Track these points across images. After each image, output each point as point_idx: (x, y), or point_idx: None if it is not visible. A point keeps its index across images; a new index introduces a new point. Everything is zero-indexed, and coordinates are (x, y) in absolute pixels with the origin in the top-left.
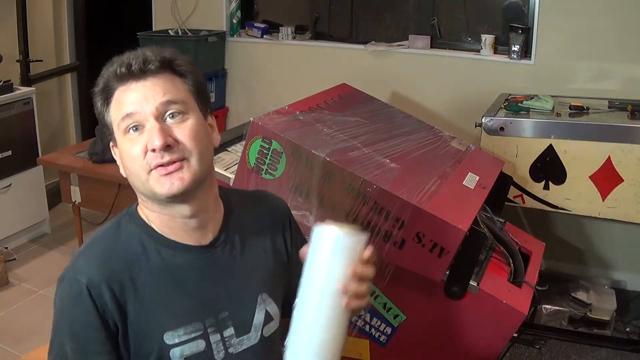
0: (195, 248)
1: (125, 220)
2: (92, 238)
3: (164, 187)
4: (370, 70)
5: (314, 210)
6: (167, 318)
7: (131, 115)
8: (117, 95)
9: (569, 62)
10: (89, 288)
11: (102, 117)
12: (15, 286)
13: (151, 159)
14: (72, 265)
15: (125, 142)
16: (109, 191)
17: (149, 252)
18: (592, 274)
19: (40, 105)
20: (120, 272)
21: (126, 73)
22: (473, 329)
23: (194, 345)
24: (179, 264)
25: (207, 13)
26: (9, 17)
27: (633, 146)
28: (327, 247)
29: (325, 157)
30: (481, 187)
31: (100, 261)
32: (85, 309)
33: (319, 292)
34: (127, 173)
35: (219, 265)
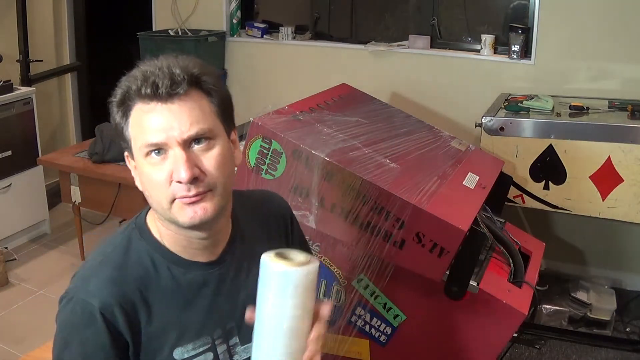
0: (205, 264)
1: (135, 235)
2: (102, 255)
3: (186, 217)
4: (370, 70)
5: (314, 210)
6: (178, 335)
7: (155, 144)
8: (139, 113)
9: (569, 62)
10: (102, 311)
11: (120, 130)
12: (15, 286)
13: (177, 190)
14: (83, 286)
15: (147, 165)
16: (109, 191)
17: (160, 270)
18: (592, 274)
19: (40, 105)
20: (132, 292)
21: (151, 94)
22: (473, 329)
23: (202, 358)
24: (189, 280)
25: (207, 13)
26: (9, 17)
27: (633, 146)
28: (271, 286)
29: (325, 157)
30: (481, 187)
31: (112, 283)
32: (97, 331)
33: (271, 330)
34: (146, 194)
35: (226, 279)
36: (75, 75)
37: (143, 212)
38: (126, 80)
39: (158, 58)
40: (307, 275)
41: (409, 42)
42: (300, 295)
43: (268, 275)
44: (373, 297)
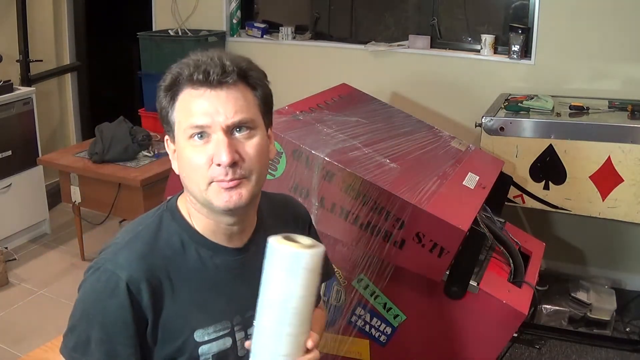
0: (232, 250)
1: (166, 216)
2: (134, 231)
3: (221, 201)
4: (370, 70)
5: (314, 210)
6: (200, 316)
7: (200, 126)
8: (187, 97)
9: (569, 62)
10: (129, 284)
11: (165, 114)
12: (15, 286)
13: (215, 173)
14: (112, 258)
15: (188, 147)
16: (109, 191)
17: (189, 252)
18: (592, 274)
19: (40, 105)
20: (159, 269)
21: (203, 80)
22: (473, 329)
23: (222, 342)
24: (216, 264)
25: (207, 13)
26: (9, 17)
27: (633, 146)
28: (279, 266)
29: (325, 157)
30: (481, 187)
31: (141, 257)
32: (120, 304)
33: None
34: (184, 176)
35: (249, 266)
36: (75, 75)
37: (174, 197)
38: (177, 66)
39: (209, 50)
40: (313, 257)
41: (409, 42)
42: (306, 276)
43: (276, 256)
44: (373, 297)
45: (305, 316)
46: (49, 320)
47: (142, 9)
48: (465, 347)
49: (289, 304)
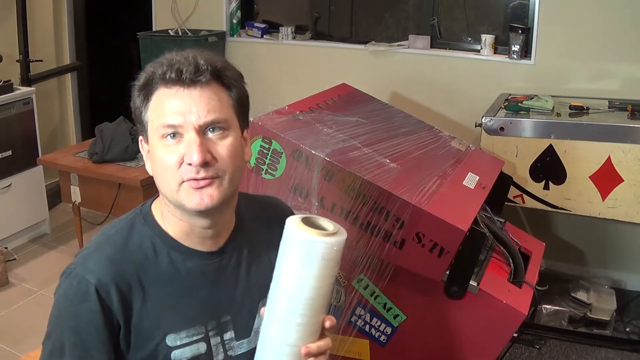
0: (205, 254)
1: (139, 220)
2: (105, 236)
3: (193, 202)
4: (370, 70)
5: (314, 210)
6: (172, 321)
7: (172, 126)
8: (160, 97)
9: (569, 62)
10: (98, 289)
11: (138, 114)
12: (15, 286)
13: (185, 172)
14: (82, 263)
15: (160, 147)
16: (109, 191)
17: (160, 256)
18: (592, 274)
19: (40, 105)
20: (129, 273)
21: (175, 79)
22: (473, 329)
23: (195, 347)
24: (188, 268)
25: (207, 13)
26: (9, 17)
27: (633, 146)
28: (294, 253)
29: (325, 157)
30: (481, 187)
31: (111, 262)
32: (90, 308)
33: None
34: (156, 177)
35: (225, 271)
36: (75, 75)
37: (148, 201)
38: (151, 65)
39: (186, 50)
40: (332, 246)
41: (409, 42)
42: (323, 266)
43: (291, 241)
44: (373, 297)
45: (318, 307)
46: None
47: (142, 9)
48: (465, 347)
49: (301, 294)
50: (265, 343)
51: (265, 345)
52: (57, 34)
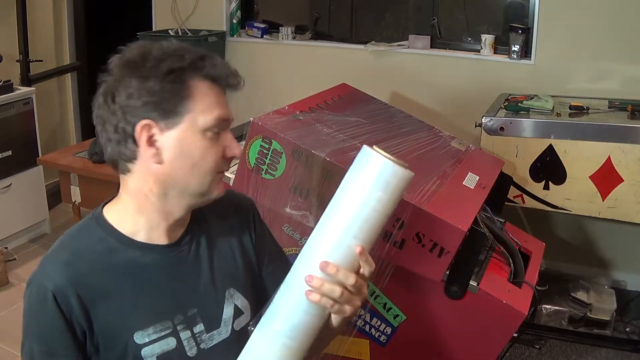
0: (162, 247)
1: (91, 224)
2: (59, 242)
3: (219, 190)
4: (370, 70)
5: (314, 210)
6: (136, 318)
7: (227, 121)
8: (204, 90)
9: (569, 62)
10: (55, 293)
11: (162, 99)
12: (15, 286)
13: (223, 165)
14: (40, 270)
15: (203, 140)
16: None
17: (117, 255)
18: (592, 274)
19: (40, 105)
20: (86, 275)
21: (220, 77)
22: (473, 329)
23: (165, 343)
24: (146, 263)
25: (207, 13)
26: (9, 17)
27: (633, 146)
28: (370, 173)
29: (325, 157)
30: (481, 187)
31: (66, 265)
32: (51, 314)
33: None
34: (181, 168)
35: (185, 262)
36: (75, 75)
37: (99, 207)
38: (173, 52)
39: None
40: (404, 177)
41: (409, 42)
42: (390, 192)
43: (369, 162)
44: (373, 297)
45: (372, 234)
46: None
47: (142, 9)
48: (465, 347)
49: (364, 211)
50: (306, 262)
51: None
52: (57, 34)
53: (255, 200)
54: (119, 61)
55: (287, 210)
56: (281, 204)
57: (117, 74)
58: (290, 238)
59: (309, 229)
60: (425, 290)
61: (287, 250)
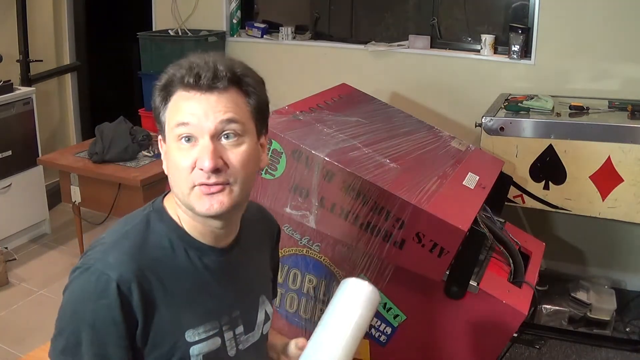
0: (218, 250)
1: (154, 217)
2: (120, 232)
3: (203, 207)
4: (370, 70)
5: (314, 210)
6: (190, 316)
7: (186, 125)
8: (178, 99)
9: (569, 62)
10: (119, 284)
11: (157, 114)
12: (15, 286)
13: (197, 177)
14: (102, 258)
15: (175, 149)
16: (109, 191)
17: (178, 252)
18: (592, 274)
19: (40, 105)
20: (149, 270)
21: (193, 83)
22: (473, 329)
23: (212, 342)
24: (204, 265)
25: (207, 13)
26: (9, 17)
27: (633, 146)
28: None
29: (325, 157)
30: (481, 187)
31: (131, 257)
32: (110, 304)
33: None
34: (170, 177)
35: (233, 267)
36: (75, 75)
37: (159, 197)
38: (172, 67)
39: (208, 53)
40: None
41: (409, 42)
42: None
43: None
44: None
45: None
46: (49, 320)
47: (142, 9)
48: (465, 347)
49: (355, 332)
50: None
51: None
52: (57, 34)
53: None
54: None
55: (287, 210)
56: (281, 204)
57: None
58: (290, 238)
59: (309, 229)
60: (425, 290)
61: (287, 250)
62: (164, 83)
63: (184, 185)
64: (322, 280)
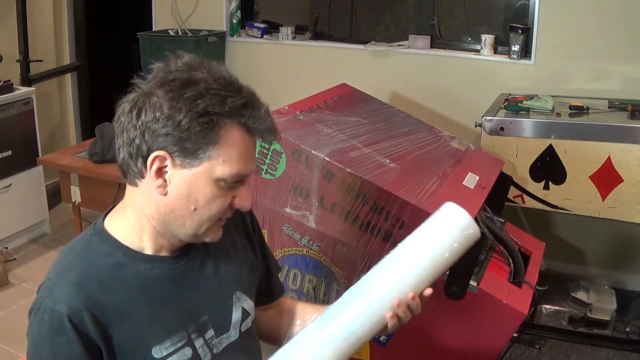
0: (169, 259)
1: (95, 240)
2: (62, 264)
3: (216, 236)
4: (370, 70)
5: (314, 210)
6: (153, 333)
7: (244, 176)
8: (236, 138)
9: (569, 62)
10: (70, 317)
11: (185, 138)
12: (15, 286)
13: (227, 213)
14: (48, 295)
15: (214, 189)
16: (109, 191)
17: (126, 270)
18: (592, 274)
19: (40, 105)
20: (98, 295)
21: (257, 130)
22: (473, 329)
23: (182, 354)
24: (156, 276)
25: (207, 13)
26: (9, 17)
27: (633, 146)
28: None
29: (325, 157)
30: (481, 187)
31: (77, 287)
32: (67, 339)
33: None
34: (183, 210)
35: (193, 271)
36: (75, 75)
37: (99, 219)
38: (217, 91)
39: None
40: (476, 236)
41: (409, 42)
42: (461, 247)
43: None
44: None
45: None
46: None
47: (142, 9)
48: (465, 347)
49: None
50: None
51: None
52: (57, 34)
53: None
54: (161, 76)
55: (287, 210)
56: (281, 204)
57: (152, 87)
58: (291, 238)
59: (309, 229)
60: None
61: (287, 250)
62: (206, 108)
63: (206, 221)
64: (322, 280)
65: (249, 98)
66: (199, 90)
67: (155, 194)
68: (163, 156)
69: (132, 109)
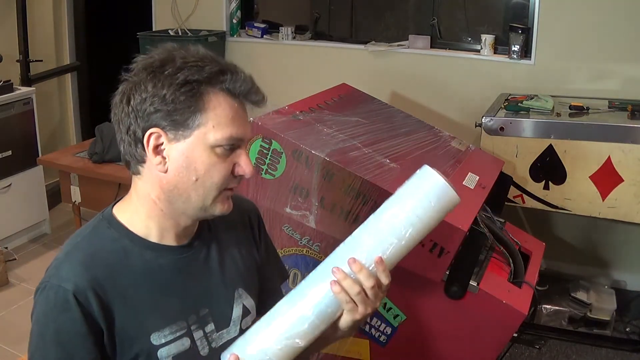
0: (177, 248)
1: (103, 225)
2: (70, 245)
3: (225, 208)
4: (370, 70)
5: (314, 210)
6: (153, 319)
7: (240, 139)
8: (221, 104)
9: (569, 62)
10: (76, 295)
11: (171, 110)
12: (15, 286)
13: (230, 182)
14: (55, 273)
15: (211, 157)
16: (109, 191)
17: (132, 256)
18: (592, 274)
19: (40, 105)
20: (104, 277)
21: (241, 93)
22: (473, 329)
23: (180, 343)
24: (161, 265)
25: (207, 13)
26: (9, 17)
27: (633, 146)
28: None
29: (325, 157)
30: (481, 187)
31: (83, 267)
32: (72, 317)
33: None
34: (186, 182)
35: (197, 263)
36: (75, 75)
37: (108, 207)
38: (194, 62)
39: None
40: (453, 200)
41: (409, 42)
42: (440, 214)
43: (429, 182)
44: None
45: (415, 241)
46: None
47: (142, 9)
48: (466, 347)
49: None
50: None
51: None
52: (57, 34)
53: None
54: (142, 62)
55: (287, 210)
56: (281, 204)
57: (136, 75)
58: (291, 238)
59: (309, 229)
60: (425, 290)
61: (287, 250)
62: (187, 79)
63: (213, 190)
64: None
65: (225, 65)
66: (177, 64)
67: (158, 174)
68: (157, 133)
69: (122, 99)
